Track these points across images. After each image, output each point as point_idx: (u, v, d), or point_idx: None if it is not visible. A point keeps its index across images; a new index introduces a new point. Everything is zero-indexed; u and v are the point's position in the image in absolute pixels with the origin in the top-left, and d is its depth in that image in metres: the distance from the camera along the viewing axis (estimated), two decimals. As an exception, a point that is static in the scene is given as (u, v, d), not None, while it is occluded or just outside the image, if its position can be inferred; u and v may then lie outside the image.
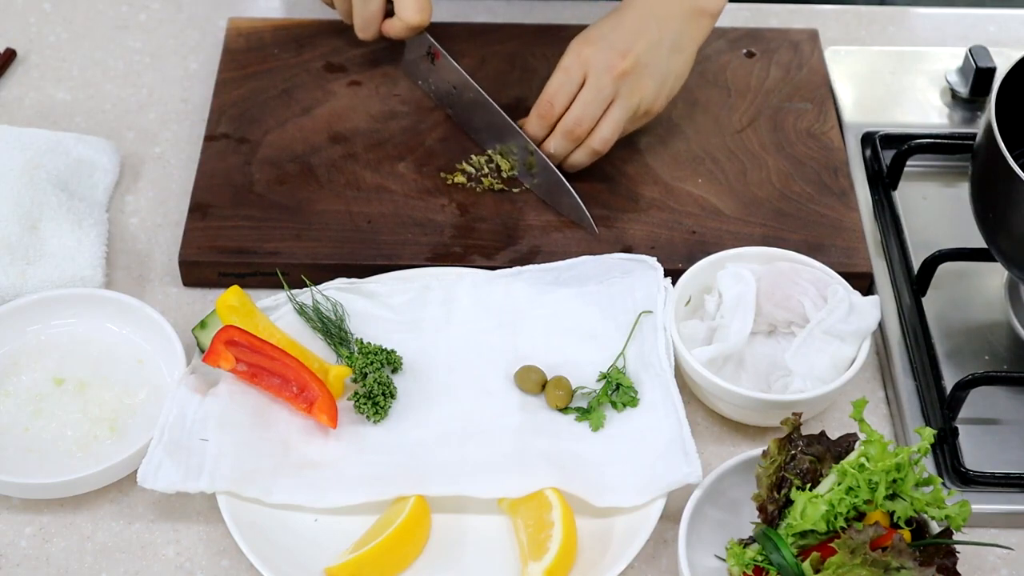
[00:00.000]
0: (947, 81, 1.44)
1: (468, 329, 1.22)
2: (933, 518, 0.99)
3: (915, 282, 1.25)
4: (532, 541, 1.06)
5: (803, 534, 0.99)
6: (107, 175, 1.34)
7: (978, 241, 1.19)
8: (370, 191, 1.32)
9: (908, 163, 1.33)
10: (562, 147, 1.28)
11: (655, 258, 1.23)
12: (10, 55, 1.48)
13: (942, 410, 1.16)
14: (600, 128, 1.27)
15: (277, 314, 1.21)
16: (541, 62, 1.44)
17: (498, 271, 1.24)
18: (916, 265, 1.25)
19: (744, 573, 0.99)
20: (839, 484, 0.98)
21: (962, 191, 1.22)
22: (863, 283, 1.25)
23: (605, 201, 1.31)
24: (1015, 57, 1.17)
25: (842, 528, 0.97)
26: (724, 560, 1.01)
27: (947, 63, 1.45)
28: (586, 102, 1.26)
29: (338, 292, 1.23)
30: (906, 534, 0.98)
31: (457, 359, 1.20)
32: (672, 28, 1.27)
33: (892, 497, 0.99)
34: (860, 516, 0.99)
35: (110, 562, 1.10)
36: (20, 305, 1.21)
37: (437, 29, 1.47)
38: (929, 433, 0.99)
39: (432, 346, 1.21)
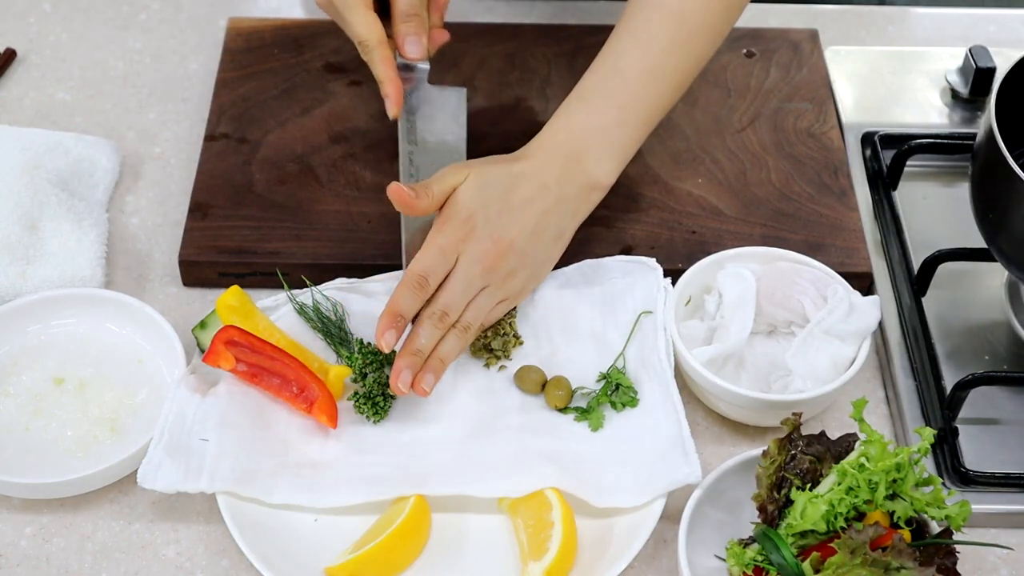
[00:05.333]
0: (947, 81, 1.44)
1: (467, 328, 1.22)
2: (933, 518, 0.99)
3: (915, 282, 1.25)
4: (532, 541, 1.06)
5: (803, 534, 0.99)
6: (107, 175, 1.34)
7: (978, 241, 1.19)
8: (370, 191, 1.32)
9: (908, 163, 1.33)
10: (429, 334, 1.14)
11: (655, 259, 1.23)
12: (10, 55, 1.48)
13: (942, 410, 1.16)
14: (465, 314, 1.15)
15: (277, 314, 1.21)
16: (541, 62, 1.44)
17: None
18: (916, 265, 1.25)
19: (744, 573, 0.99)
20: (839, 484, 0.98)
21: (962, 191, 1.22)
22: (863, 283, 1.25)
23: (605, 201, 1.31)
24: (1015, 57, 1.17)
25: (842, 528, 0.97)
26: (724, 560, 1.01)
27: (947, 63, 1.45)
28: (454, 290, 1.14)
29: (338, 292, 1.23)
30: (906, 534, 0.98)
31: (457, 359, 1.20)
32: (560, 211, 1.18)
33: (892, 497, 0.99)
34: (860, 516, 0.99)
35: (110, 562, 1.10)
36: (20, 305, 1.21)
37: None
38: (929, 433, 0.99)
39: (432, 346, 1.21)
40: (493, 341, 1.20)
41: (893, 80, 1.45)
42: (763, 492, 1.01)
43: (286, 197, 1.31)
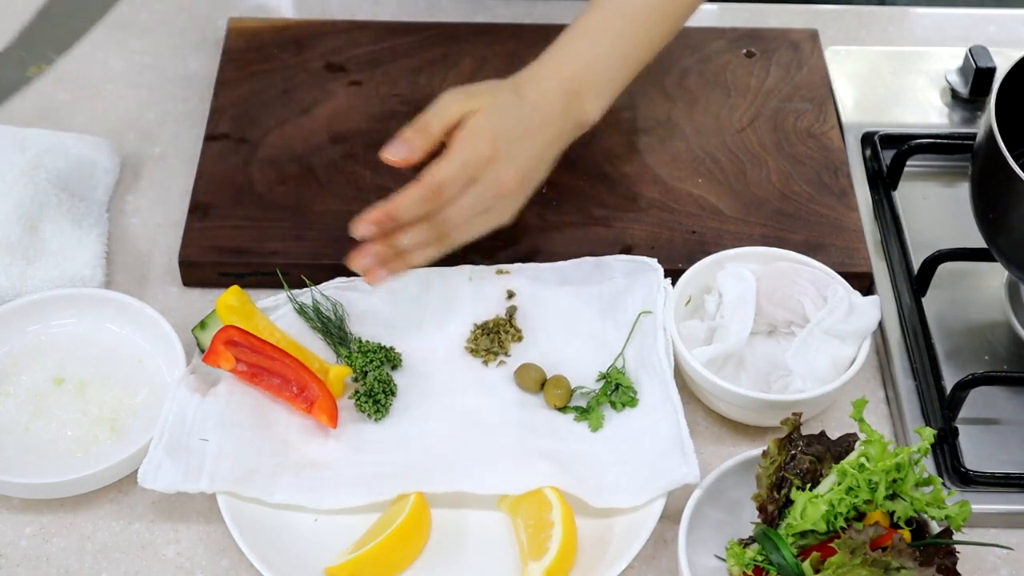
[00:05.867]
0: (947, 81, 1.44)
1: (467, 324, 1.22)
2: (933, 518, 0.99)
3: (915, 282, 1.25)
4: (532, 541, 1.06)
5: (803, 534, 0.99)
6: (107, 175, 1.34)
7: (978, 241, 1.19)
8: (370, 191, 1.32)
9: (908, 163, 1.33)
10: (418, 240, 1.15)
11: (655, 259, 1.23)
12: (10, 55, 1.48)
13: (942, 410, 1.16)
14: (471, 227, 1.17)
15: (277, 314, 1.21)
16: (541, 62, 1.44)
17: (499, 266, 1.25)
18: (916, 265, 1.25)
19: (744, 573, 0.99)
20: (839, 484, 0.98)
21: (962, 191, 1.22)
22: (863, 283, 1.25)
23: (605, 201, 1.31)
24: (1015, 57, 1.17)
25: (842, 528, 0.97)
26: (724, 560, 1.01)
27: (947, 63, 1.45)
28: (464, 204, 1.15)
29: (338, 291, 1.23)
30: (906, 534, 0.98)
31: (456, 355, 1.20)
32: (559, 143, 1.21)
33: (892, 497, 0.99)
34: (860, 516, 0.99)
35: (110, 562, 1.10)
36: (20, 305, 1.21)
37: (437, 29, 1.48)
38: (929, 433, 0.99)
39: (432, 343, 1.21)
40: (492, 336, 1.20)
41: (893, 80, 1.45)
42: (763, 492, 1.01)
43: (286, 197, 1.31)
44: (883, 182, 1.34)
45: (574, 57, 1.23)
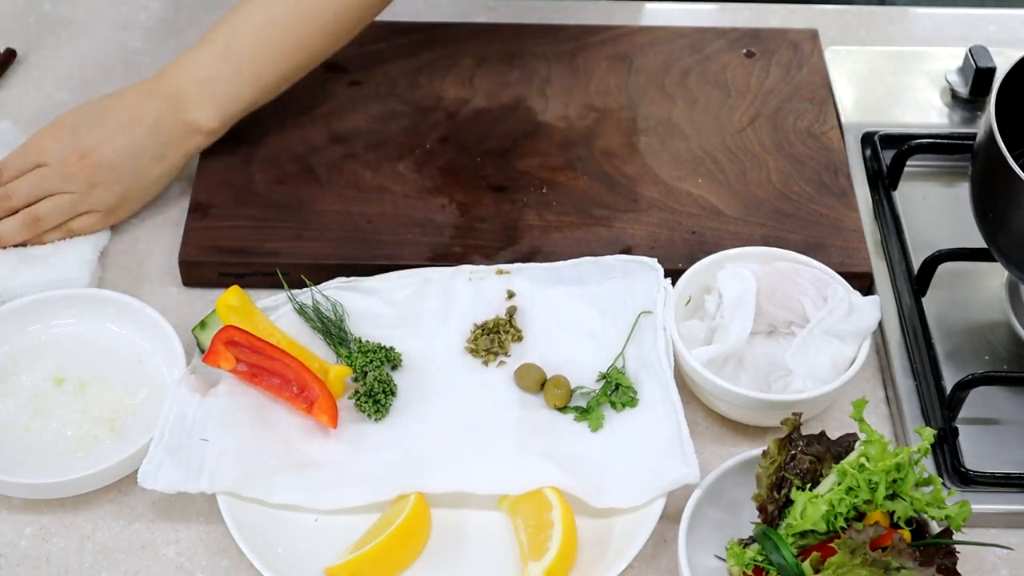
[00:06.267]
0: (947, 81, 1.44)
1: (467, 324, 1.22)
2: (933, 518, 0.99)
3: (915, 282, 1.25)
4: (532, 541, 1.06)
5: (803, 534, 0.99)
6: None
7: (978, 241, 1.19)
8: (370, 191, 1.32)
9: (908, 163, 1.33)
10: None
11: (655, 259, 1.23)
12: (10, 55, 1.48)
13: (942, 410, 1.16)
14: (39, 205, 1.25)
15: (277, 314, 1.21)
16: (541, 62, 1.44)
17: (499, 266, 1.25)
18: (916, 265, 1.25)
19: (744, 573, 0.99)
20: (839, 484, 0.98)
21: (962, 191, 1.22)
22: (863, 283, 1.25)
23: (605, 201, 1.31)
24: (1015, 57, 1.17)
25: (842, 528, 0.97)
26: (724, 560, 1.01)
27: (947, 63, 1.45)
28: (22, 181, 1.25)
29: (338, 291, 1.23)
30: (906, 534, 0.98)
31: (456, 355, 1.20)
32: (157, 137, 1.26)
33: (892, 497, 0.99)
34: (860, 516, 0.99)
35: (110, 562, 1.10)
36: (20, 305, 1.21)
37: (438, 29, 1.48)
38: (929, 433, 0.99)
39: (432, 342, 1.21)
40: (492, 336, 1.20)
41: (893, 80, 1.45)
42: (763, 492, 1.01)
43: (286, 197, 1.31)
44: (883, 182, 1.34)
45: (181, 67, 1.28)
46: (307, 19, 1.28)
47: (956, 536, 1.00)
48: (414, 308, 1.23)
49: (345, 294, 1.23)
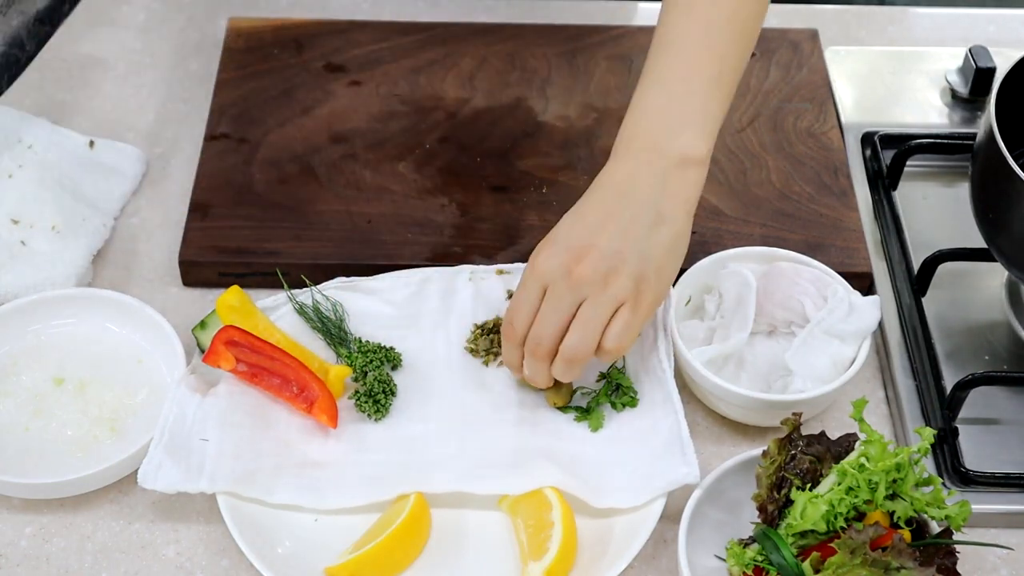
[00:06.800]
0: (947, 81, 1.44)
1: (467, 324, 1.22)
2: (933, 518, 0.99)
3: (915, 282, 1.25)
4: (532, 541, 1.06)
5: (803, 534, 0.99)
6: (124, 183, 1.34)
7: (978, 241, 1.19)
8: (370, 191, 1.32)
9: (908, 163, 1.33)
10: (533, 368, 1.11)
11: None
12: None
13: (942, 410, 1.16)
14: (567, 339, 1.08)
15: (277, 314, 1.21)
16: (541, 62, 1.44)
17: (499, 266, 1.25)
18: (916, 265, 1.25)
19: (744, 573, 0.99)
20: (839, 484, 0.98)
21: (962, 191, 1.22)
22: (863, 283, 1.25)
23: (605, 201, 1.31)
24: (1015, 57, 1.17)
25: (842, 528, 0.97)
26: (724, 560, 1.01)
27: (947, 63, 1.45)
28: (543, 315, 1.09)
29: (338, 291, 1.23)
30: (906, 534, 0.98)
31: (456, 355, 1.20)
32: (648, 197, 1.09)
33: (892, 497, 0.99)
34: (860, 516, 0.99)
35: (110, 562, 1.10)
36: (20, 305, 1.21)
37: (438, 29, 1.48)
38: (929, 433, 0.99)
39: (432, 341, 1.21)
40: (492, 336, 1.20)
41: (893, 80, 1.45)
42: (763, 492, 1.01)
43: (286, 197, 1.31)
44: (883, 182, 1.34)
45: (646, 109, 1.13)
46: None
47: (956, 536, 1.00)
48: (414, 308, 1.23)
49: (345, 294, 1.23)
